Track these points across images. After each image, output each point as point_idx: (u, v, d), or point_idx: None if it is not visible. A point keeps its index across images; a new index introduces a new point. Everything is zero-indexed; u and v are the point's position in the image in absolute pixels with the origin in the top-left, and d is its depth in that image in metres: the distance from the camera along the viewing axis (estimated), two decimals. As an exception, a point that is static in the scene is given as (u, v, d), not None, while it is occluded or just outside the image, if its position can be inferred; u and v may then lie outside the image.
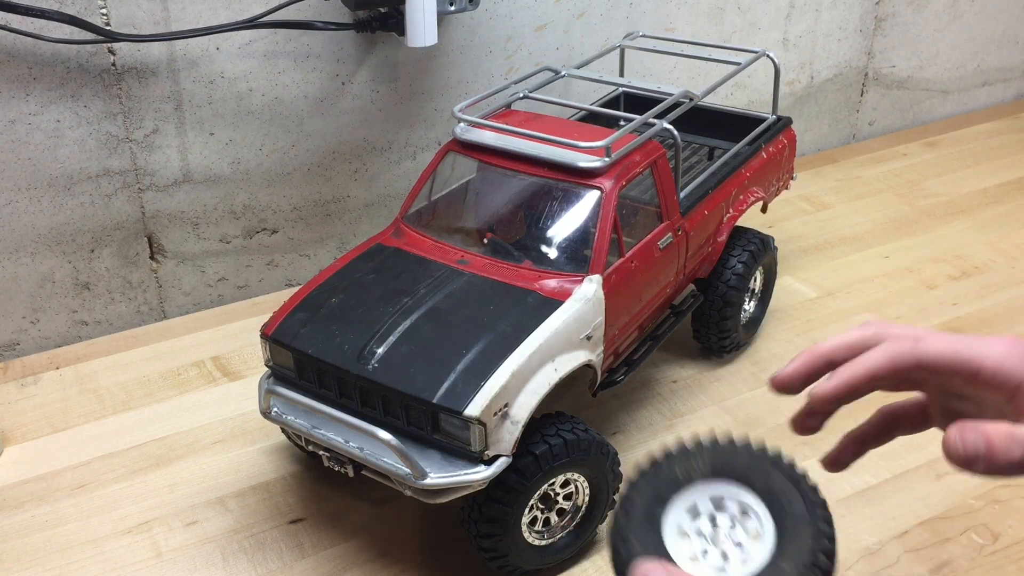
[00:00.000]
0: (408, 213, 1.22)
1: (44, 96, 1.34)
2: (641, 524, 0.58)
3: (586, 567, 1.10)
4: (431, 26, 1.38)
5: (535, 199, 1.17)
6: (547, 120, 1.25)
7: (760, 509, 0.58)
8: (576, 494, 1.07)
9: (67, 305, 1.50)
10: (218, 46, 1.42)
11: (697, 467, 0.60)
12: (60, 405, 1.37)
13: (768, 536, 0.57)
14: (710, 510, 0.59)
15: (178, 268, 1.56)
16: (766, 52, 1.47)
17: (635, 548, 0.56)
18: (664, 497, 0.59)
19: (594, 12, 1.71)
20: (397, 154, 1.64)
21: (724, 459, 0.60)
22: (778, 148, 1.49)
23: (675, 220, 1.24)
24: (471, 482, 0.97)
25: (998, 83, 2.37)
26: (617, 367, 1.21)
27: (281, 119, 1.52)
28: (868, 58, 2.11)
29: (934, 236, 1.80)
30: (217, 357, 1.46)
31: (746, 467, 0.59)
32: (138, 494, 1.21)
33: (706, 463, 0.60)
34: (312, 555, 1.12)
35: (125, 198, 1.47)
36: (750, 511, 0.58)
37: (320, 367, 1.03)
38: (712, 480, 0.59)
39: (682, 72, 1.87)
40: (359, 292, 1.10)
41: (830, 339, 0.64)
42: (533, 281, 1.09)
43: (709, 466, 0.60)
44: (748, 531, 0.58)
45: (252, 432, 1.30)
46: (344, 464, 1.04)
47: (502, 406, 0.97)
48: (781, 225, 1.82)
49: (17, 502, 1.20)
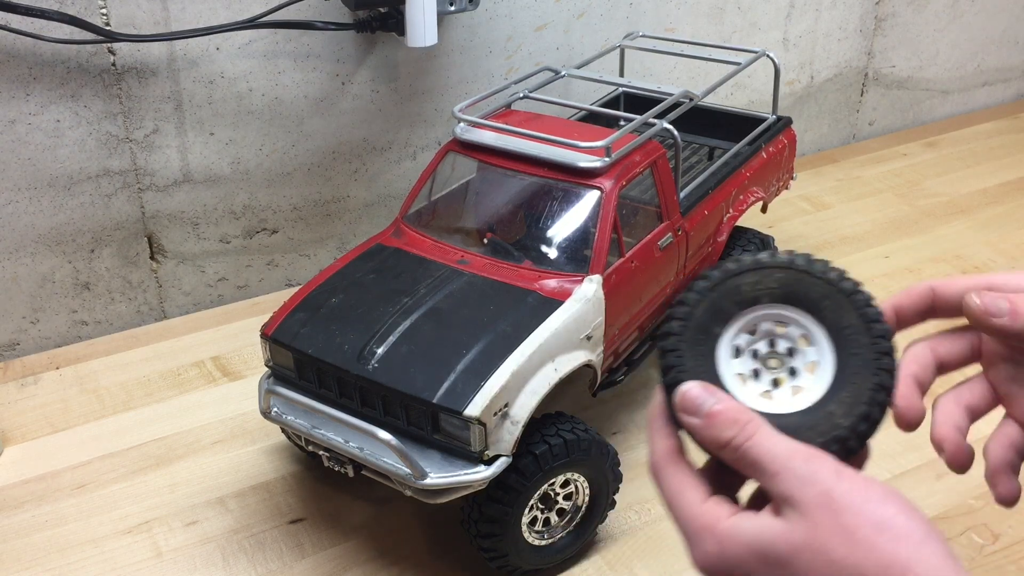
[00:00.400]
0: (408, 213, 1.22)
1: (44, 96, 1.34)
2: (695, 336, 0.55)
3: (586, 567, 1.10)
4: (431, 26, 1.38)
5: (535, 199, 1.17)
6: (547, 120, 1.25)
7: (824, 342, 0.54)
8: (576, 494, 1.07)
9: (67, 305, 1.50)
10: (218, 46, 1.42)
11: (768, 287, 0.56)
12: (60, 405, 1.37)
13: (825, 373, 0.54)
14: (771, 331, 0.56)
15: (178, 268, 1.56)
16: (766, 52, 1.47)
17: (685, 360, 0.54)
18: (726, 312, 0.56)
19: (594, 12, 1.71)
20: (397, 154, 1.64)
21: (797, 284, 0.55)
22: (778, 148, 1.49)
23: (675, 220, 1.24)
24: (471, 482, 0.97)
25: (998, 83, 2.37)
26: (617, 367, 1.21)
27: (281, 119, 1.52)
28: (868, 58, 2.11)
29: (934, 236, 1.80)
30: (217, 357, 1.46)
31: (819, 296, 0.55)
32: (138, 494, 1.21)
33: (778, 284, 0.56)
34: (312, 555, 1.12)
35: (125, 198, 1.46)
36: (813, 340, 0.55)
37: (320, 367, 1.03)
38: (780, 303, 0.55)
39: (682, 72, 1.87)
40: (359, 292, 1.10)
41: None
42: (533, 281, 1.09)
43: (780, 288, 0.55)
44: (806, 361, 0.55)
45: (252, 432, 1.30)
46: (344, 464, 1.04)
47: (502, 406, 0.97)
48: (781, 225, 1.82)
49: (17, 502, 1.20)
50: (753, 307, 0.56)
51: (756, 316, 0.56)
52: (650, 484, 1.29)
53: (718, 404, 0.53)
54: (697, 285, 0.57)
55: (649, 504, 1.18)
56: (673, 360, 0.55)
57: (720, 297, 0.56)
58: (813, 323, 0.55)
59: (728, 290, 0.56)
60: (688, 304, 0.56)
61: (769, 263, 0.56)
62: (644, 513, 1.17)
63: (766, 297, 0.56)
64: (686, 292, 0.57)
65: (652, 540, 1.13)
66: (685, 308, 0.56)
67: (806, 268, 0.56)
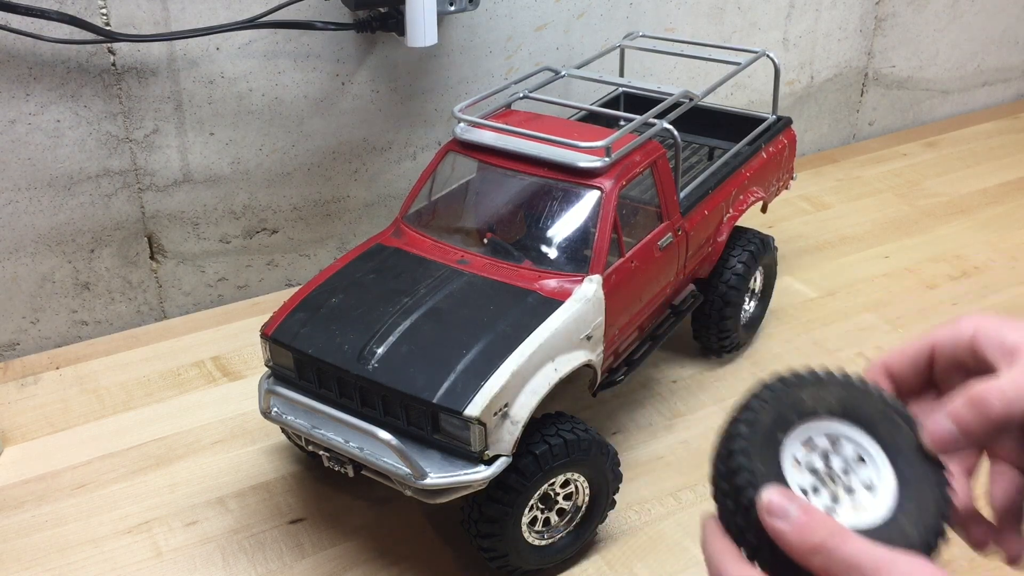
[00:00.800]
0: (408, 213, 1.22)
1: (44, 96, 1.34)
2: (763, 442, 0.55)
3: (586, 567, 1.10)
4: (431, 26, 1.38)
5: (535, 199, 1.17)
6: (547, 120, 1.25)
7: (881, 461, 0.55)
8: (576, 494, 1.07)
9: (67, 305, 1.50)
10: (218, 46, 1.42)
11: (827, 400, 0.56)
12: (60, 405, 1.37)
13: (885, 490, 0.54)
14: (826, 447, 0.56)
15: (178, 268, 1.56)
16: (766, 52, 1.47)
17: (758, 467, 0.54)
18: (788, 421, 0.56)
19: (594, 12, 1.71)
20: (397, 154, 1.64)
21: (855, 400, 0.56)
22: (778, 148, 1.49)
23: (675, 220, 1.24)
24: (471, 482, 0.97)
25: (998, 83, 2.37)
26: (617, 367, 1.21)
27: (281, 119, 1.52)
28: (868, 58, 2.11)
29: (934, 236, 1.80)
30: (217, 357, 1.46)
31: (876, 415, 0.56)
32: (138, 494, 1.21)
33: (836, 399, 0.56)
34: (312, 555, 1.12)
35: (125, 198, 1.46)
36: (868, 460, 0.56)
37: (320, 367, 1.03)
38: (838, 418, 0.56)
39: (682, 72, 1.87)
40: (359, 292, 1.10)
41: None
42: (533, 281, 1.09)
43: (839, 403, 0.56)
44: (861, 479, 0.55)
45: (252, 432, 1.30)
46: (344, 464, 1.04)
47: (502, 406, 0.97)
48: (781, 225, 1.82)
49: (17, 502, 1.20)
50: (812, 419, 0.56)
51: (812, 428, 0.57)
52: (650, 484, 1.29)
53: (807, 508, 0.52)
54: (762, 393, 0.57)
55: (649, 504, 1.18)
56: (744, 462, 0.54)
57: (783, 405, 0.57)
58: (870, 441, 0.56)
59: (791, 400, 0.57)
60: (754, 409, 0.56)
61: (829, 379, 0.58)
62: (644, 513, 1.17)
63: (825, 411, 0.57)
64: (751, 398, 0.57)
65: (652, 540, 1.13)
66: (751, 413, 0.56)
67: (864, 388, 0.57)
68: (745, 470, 0.54)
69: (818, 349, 1.47)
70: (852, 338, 1.50)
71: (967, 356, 0.57)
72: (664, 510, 1.18)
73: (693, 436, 1.29)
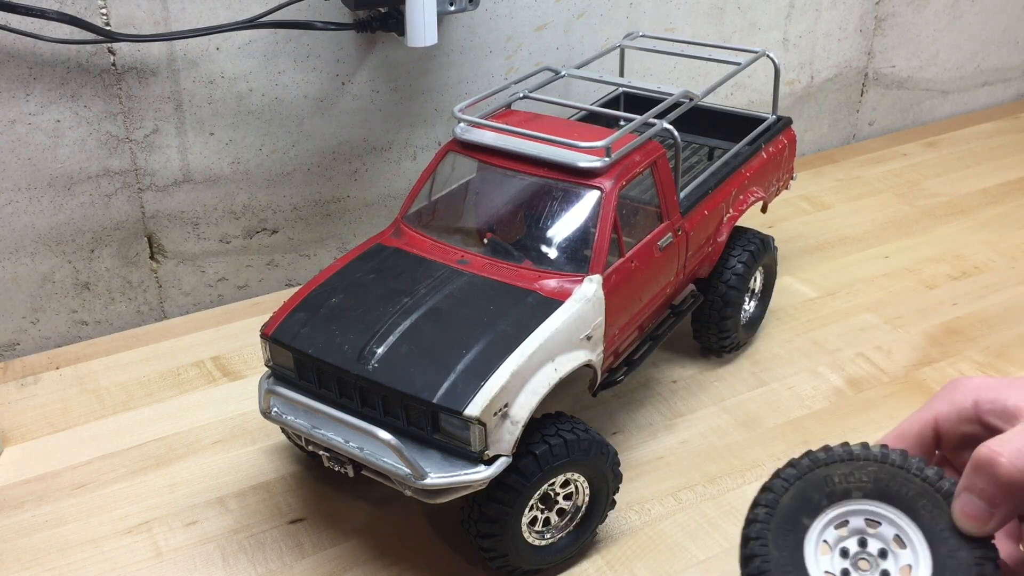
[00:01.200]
0: (408, 213, 1.22)
1: (44, 96, 1.34)
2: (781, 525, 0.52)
3: (586, 567, 1.10)
4: (431, 26, 1.38)
5: (535, 199, 1.17)
6: (547, 120, 1.25)
7: (920, 545, 0.52)
8: (576, 494, 1.07)
9: (67, 305, 1.50)
10: (218, 46, 1.42)
11: (860, 481, 0.53)
12: (60, 405, 1.37)
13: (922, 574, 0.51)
14: (862, 528, 0.53)
15: (178, 268, 1.56)
16: (766, 52, 1.47)
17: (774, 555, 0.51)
18: (815, 505, 0.53)
19: (594, 12, 1.71)
20: (397, 154, 1.64)
21: (891, 480, 0.53)
22: (778, 148, 1.49)
23: (675, 220, 1.24)
24: (471, 482, 0.97)
25: (998, 83, 2.37)
26: (617, 367, 1.21)
27: (281, 119, 1.52)
28: (868, 58, 2.11)
29: (934, 236, 1.80)
30: (217, 357, 1.46)
31: (913, 495, 0.53)
32: (138, 494, 1.21)
33: (871, 479, 0.53)
34: (312, 555, 1.12)
35: (125, 198, 1.47)
36: (907, 542, 0.52)
37: (320, 367, 1.03)
38: (873, 500, 0.53)
39: (682, 72, 1.87)
40: (359, 292, 1.10)
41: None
42: (533, 281, 1.09)
43: (874, 483, 0.53)
44: (899, 563, 0.52)
45: (252, 432, 1.30)
46: (344, 464, 1.04)
47: (502, 406, 0.97)
48: (781, 225, 1.82)
49: (17, 502, 1.20)
50: (844, 501, 0.53)
51: (847, 511, 0.54)
52: (650, 484, 1.29)
53: None
54: (785, 472, 0.55)
55: (649, 504, 1.18)
56: (758, 549, 0.52)
57: (809, 487, 0.54)
58: (908, 522, 0.53)
59: (817, 480, 0.54)
60: (774, 491, 0.54)
61: (862, 455, 0.55)
62: (644, 513, 1.17)
63: (858, 491, 0.53)
64: (772, 479, 0.55)
65: (652, 540, 1.13)
66: (771, 495, 0.54)
67: (901, 464, 0.54)
68: (758, 557, 0.52)
69: (818, 349, 1.47)
70: (852, 338, 1.50)
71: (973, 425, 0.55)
72: (664, 510, 1.18)
73: (693, 436, 1.29)
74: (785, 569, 0.51)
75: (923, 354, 1.46)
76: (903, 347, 1.48)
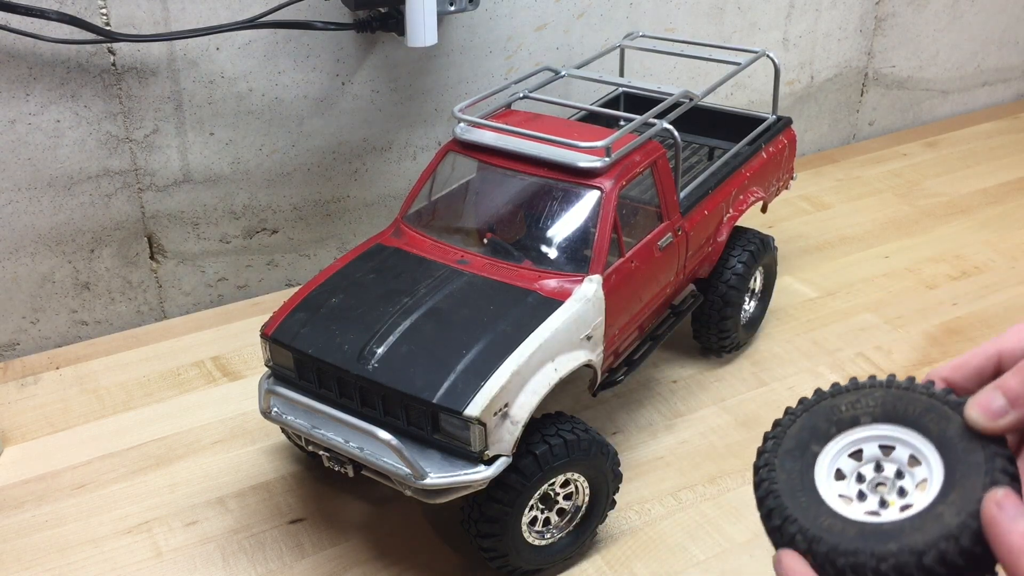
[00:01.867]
0: (408, 213, 1.22)
1: (44, 96, 1.34)
2: (791, 454, 0.54)
3: (586, 567, 1.10)
4: (431, 26, 1.38)
5: (535, 199, 1.17)
6: (547, 120, 1.25)
7: (933, 457, 0.53)
8: (576, 494, 1.07)
9: (67, 305, 1.50)
10: (218, 46, 1.42)
11: (867, 407, 0.55)
12: (60, 405, 1.37)
13: (935, 485, 0.52)
14: (876, 455, 0.54)
15: (178, 268, 1.56)
16: (766, 52, 1.47)
17: (780, 476, 0.54)
18: (823, 433, 0.55)
19: (594, 12, 1.71)
20: (397, 154, 1.64)
21: (897, 401, 0.54)
22: (778, 148, 1.49)
23: (675, 220, 1.24)
24: (471, 482, 0.97)
25: (998, 83, 2.37)
26: (617, 367, 1.21)
27: (281, 119, 1.52)
28: (868, 58, 2.11)
29: (934, 236, 1.80)
30: (217, 357, 1.46)
31: (921, 411, 0.54)
32: (138, 494, 1.21)
33: (877, 404, 0.55)
34: (312, 555, 1.12)
35: (125, 198, 1.47)
36: (922, 459, 0.53)
37: (320, 367, 1.03)
38: (881, 423, 0.54)
39: (682, 72, 1.87)
40: (359, 292, 1.10)
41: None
42: (533, 281, 1.09)
43: (880, 408, 0.55)
44: (915, 480, 0.53)
45: (252, 432, 1.30)
46: (344, 464, 1.04)
47: (502, 406, 0.97)
48: (781, 225, 1.82)
49: (17, 502, 1.20)
50: (853, 427, 0.55)
51: (859, 438, 0.55)
52: (650, 484, 1.29)
53: None
54: (794, 408, 0.57)
55: (649, 504, 1.18)
56: (766, 475, 0.54)
57: (817, 417, 0.56)
58: (919, 438, 0.54)
59: (825, 410, 0.56)
60: (782, 425, 0.56)
61: (867, 384, 0.57)
62: (644, 513, 1.17)
63: (866, 417, 0.55)
64: (784, 414, 0.57)
65: (652, 540, 1.13)
66: (779, 428, 0.56)
67: (907, 386, 0.56)
68: (766, 481, 0.54)
69: (818, 349, 1.47)
70: (852, 338, 1.50)
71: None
72: (664, 510, 1.18)
73: (693, 436, 1.29)
74: (793, 489, 0.53)
75: (923, 354, 1.46)
76: (903, 347, 1.48)
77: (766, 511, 0.53)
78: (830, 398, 0.56)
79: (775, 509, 0.53)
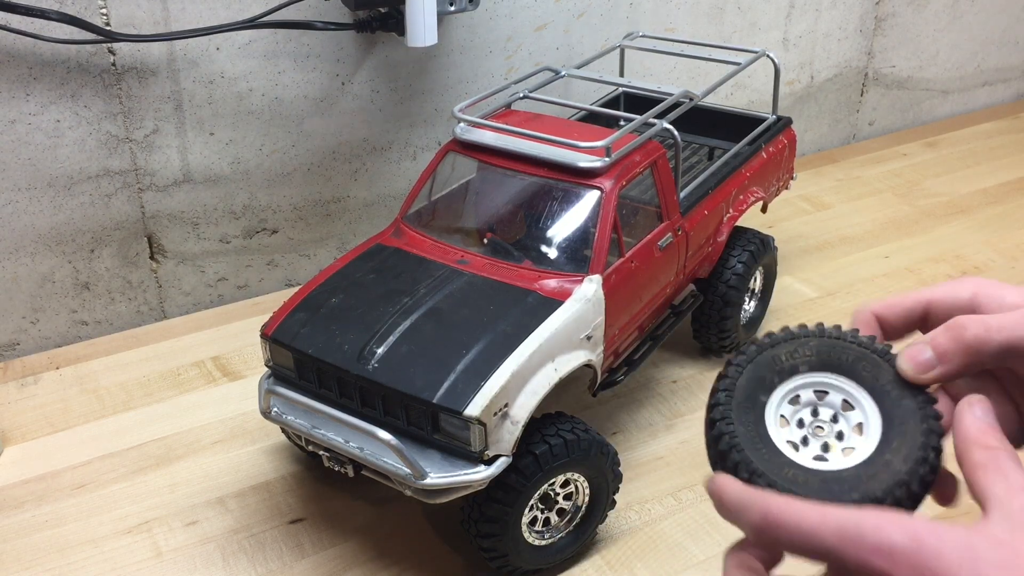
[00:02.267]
0: (408, 213, 1.22)
1: (44, 96, 1.34)
2: (743, 406, 0.57)
3: (586, 567, 1.10)
4: (431, 26, 1.38)
5: (535, 199, 1.17)
6: (547, 120, 1.25)
7: (867, 403, 0.56)
8: (576, 494, 1.07)
9: (67, 305, 1.50)
10: (218, 46, 1.42)
11: (804, 356, 0.58)
12: (60, 405, 1.37)
13: (873, 430, 0.55)
14: (812, 400, 0.58)
15: (178, 268, 1.56)
16: (766, 52, 1.47)
17: (739, 430, 0.55)
18: (768, 382, 0.58)
19: (594, 12, 1.71)
20: (397, 154, 1.64)
21: (831, 350, 0.58)
22: (778, 148, 1.49)
23: (675, 220, 1.24)
24: (471, 482, 0.97)
25: (998, 83, 2.37)
26: (617, 367, 1.21)
27: (281, 119, 1.52)
28: (868, 58, 2.11)
29: (934, 236, 1.80)
30: (217, 357, 1.46)
31: (854, 359, 0.57)
32: (138, 494, 1.21)
33: (813, 352, 0.58)
34: (312, 555, 1.12)
35: (125, 198, 1.47)
36: (855, 403, 0.57)
37: (320, 367, 1.03)
38: (818, 370, 0.58)
39: (682, 72, 1.87)
40: (359, 292, 1.10)
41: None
42: (533, 281, 1.09)
43: (816, 356, 0.58)
44: (851, 424, 0.56)
45: (252, 432, 1.30)
46: (344, 464, 1.04)
47: (502, 406, 0.97)
48: (781, 225, 1.82)
49: (17, 502, 1.20)
50: (793, 376, 0.58)
51: (797, 385, 0.58)
52: (650, 484, 1.29)
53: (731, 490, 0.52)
54: (736, 359, 0.59)
55: (649, 504, 1.18)
56: (724, 428, 0.56)
57: (760, 367, 0.58)
58: (852, 385, 0.57)
59: (766, 360, 0.58)
60: (730, 376, 0.58)
61: (801, 333, 0.59)
62: (644, 513, 1.17)
63: (804, 366, 0.58)
64: (727, 366, 0.59)
65: (652, 540, 1.13)
66: (728, 380, 0.58)
67: (838, 336, 0.58)
68: (726, 435, 0.55)
69: (818, 349, 1.47)
70: (852, 338, 1.50)
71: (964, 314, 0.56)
72: (664, 510, 1.18)
73: (693, 436, 1.29)
74: (753, 441, 0.55)
75: (923, 354, 1.46)
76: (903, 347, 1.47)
77: (731, 464, 0.54)
78: (770, 348, 0.59)
79: (741, 463, 0.54)
